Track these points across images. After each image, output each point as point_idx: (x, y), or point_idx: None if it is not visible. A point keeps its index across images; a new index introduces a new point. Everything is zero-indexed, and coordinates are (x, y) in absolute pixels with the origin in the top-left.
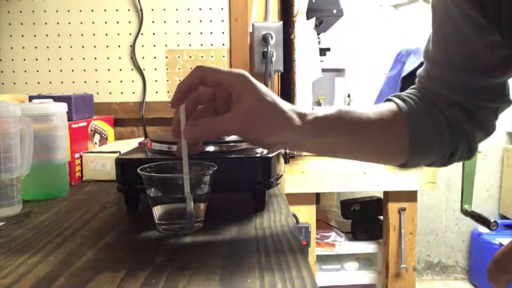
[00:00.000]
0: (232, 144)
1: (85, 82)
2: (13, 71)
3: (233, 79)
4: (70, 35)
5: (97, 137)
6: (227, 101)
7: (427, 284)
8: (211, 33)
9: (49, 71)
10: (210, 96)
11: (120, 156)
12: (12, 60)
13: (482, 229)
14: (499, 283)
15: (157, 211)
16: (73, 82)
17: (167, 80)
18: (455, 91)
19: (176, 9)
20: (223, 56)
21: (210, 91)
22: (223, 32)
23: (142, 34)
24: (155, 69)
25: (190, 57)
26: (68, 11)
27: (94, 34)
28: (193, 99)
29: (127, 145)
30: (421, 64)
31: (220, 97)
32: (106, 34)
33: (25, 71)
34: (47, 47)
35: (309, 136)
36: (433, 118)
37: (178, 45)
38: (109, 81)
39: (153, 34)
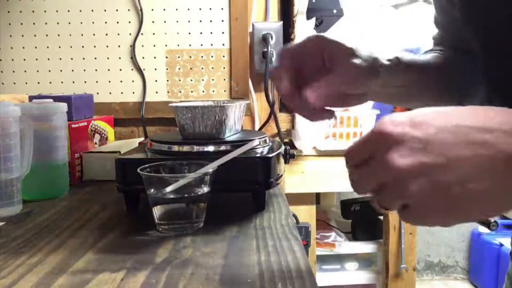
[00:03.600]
0: (232, 144)
1: (85, 82)
2: (13, 71)
3: (312, 46)
4: (70, 35)
5: (97, 137)
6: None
7: (427, 284)
8: (211, 33)
9: (49, 71)
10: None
11: (120, 156)
12: (12, 60)
13: (482, 229)
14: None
15: (157, 211)
16: (73, 82)
17: (167, 80)
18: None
19: (176, 9)
20: (223, 56)
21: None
22: (223, 32)
23: (142, 34)
24: (155, 69)
25: (190, 57)
26: (68, 11)
27: (94, 34)
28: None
29: (127, 145)
30: None
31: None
32: (106, 34)
33: (25, 71)
34: (47, 47)
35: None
36: (468, 61)
37: (178, 45)
38: (109, 81)
39: (153, 34)
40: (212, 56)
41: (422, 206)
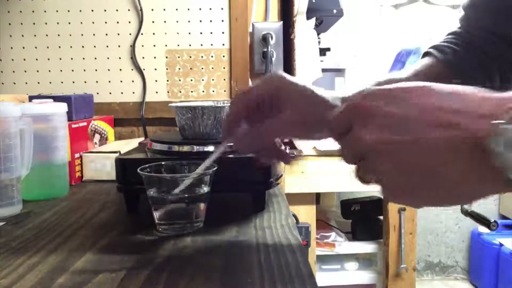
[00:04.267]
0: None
1: (85, 82)
2: (13, 71)
3: (271, 88)
4: (70, 35)
5: (97, 137)
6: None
7: (427, 284)
8: (211, 33)
9: (49, 71)
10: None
11: (120, 156)
12: (12, 60)
13: (482, 229)
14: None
15: (157, 211)
16: (73, 82)
17: (167, 80)
18: (495, 17)
19: (176, 9)
20: (223, 56)
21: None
22: (223, 32)
23: (142, 34)
24: (155, 69)
25: (190, 57)
26: (68, 11)
27: (94, 34)
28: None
29: (127, 145)
30: None
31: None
32: (106, 34)
33: (25, 71)
34: (47, 47)
35: None
36: (479, 59)
37: (178, 45)
38: (109, 81)
39: (153, 34)
40: (212, 56)
41: (391, 183)
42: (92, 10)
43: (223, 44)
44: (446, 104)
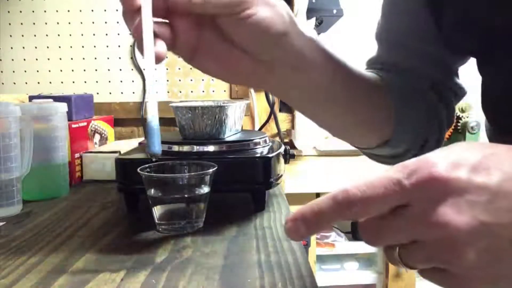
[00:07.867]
0: (232, 144)
1: (85, 82)
2: (13, 71)
3: None
4: (70, 35)
5: (97, 137)
6: None
7: (427, 284)
8: None
9: (49, 71)
10: None
11: (120, 156)
12: (12, 60)
13: None
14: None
15: (157, 211)
16: (73, 82)
17: (167, 80)
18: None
19: None
20: None
21: None
22: None
23: None
24: (155, 69)
25: None
26: (68, 11)
27: (94, 34)
28: None
29: (127, 145)
30: None
31: None
32: (106, 34)
33: (25, 71)
34: (47, 47)
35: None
36: (413, 88)
37: None
38: (109, 81)
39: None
40: None
41: (469, 275)
42: (92, 10)
43: None
44: None
